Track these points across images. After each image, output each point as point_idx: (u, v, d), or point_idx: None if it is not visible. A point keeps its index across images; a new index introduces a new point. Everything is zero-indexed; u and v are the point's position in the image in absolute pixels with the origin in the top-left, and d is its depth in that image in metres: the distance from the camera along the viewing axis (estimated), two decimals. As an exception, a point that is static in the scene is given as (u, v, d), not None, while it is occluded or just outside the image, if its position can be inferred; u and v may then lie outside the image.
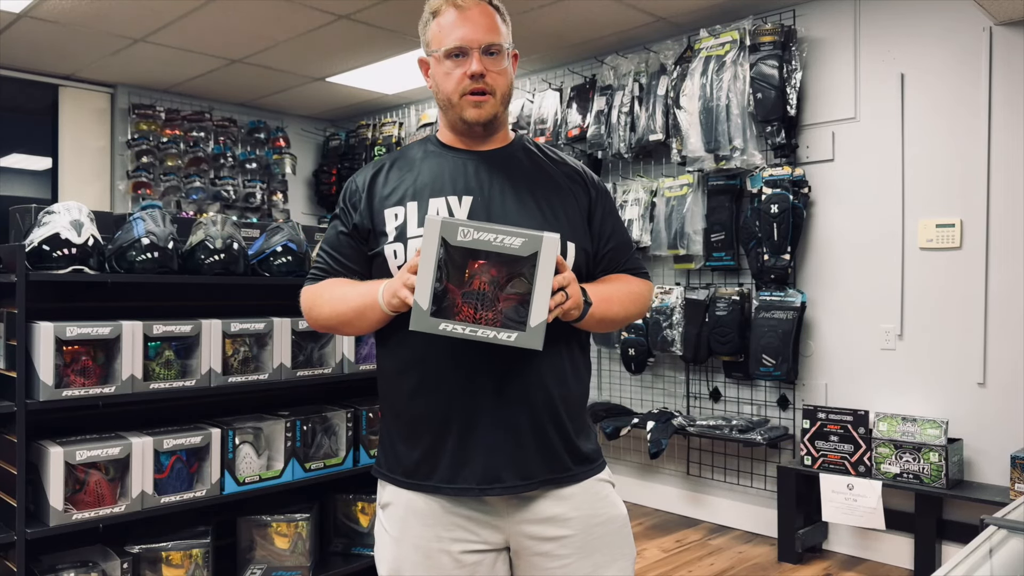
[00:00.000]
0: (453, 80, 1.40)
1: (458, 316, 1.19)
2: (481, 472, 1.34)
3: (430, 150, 1.48)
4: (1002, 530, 1.37)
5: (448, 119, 1.46)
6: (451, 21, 1.39)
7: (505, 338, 1.19)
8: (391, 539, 1.41)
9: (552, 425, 1.38)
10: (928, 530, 3.34)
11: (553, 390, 1.37)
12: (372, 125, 6.14)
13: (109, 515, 1.97)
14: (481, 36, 1.39)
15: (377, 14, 4.08)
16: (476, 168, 1.43)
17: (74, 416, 2.13)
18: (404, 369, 1.39)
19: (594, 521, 1.40)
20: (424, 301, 1.18)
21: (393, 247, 1.38)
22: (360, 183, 1.46)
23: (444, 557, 1.35)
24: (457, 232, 1.18)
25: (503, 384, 1.33)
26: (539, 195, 1.43)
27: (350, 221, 1.44)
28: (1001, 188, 3.32)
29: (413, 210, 1.39)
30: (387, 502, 1.43)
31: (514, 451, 1.34)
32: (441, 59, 1.40)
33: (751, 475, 4.07)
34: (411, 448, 1.39)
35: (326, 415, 2.47)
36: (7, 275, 1.92)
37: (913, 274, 3.56)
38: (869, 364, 3.69)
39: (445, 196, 1.39)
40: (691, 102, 3.95)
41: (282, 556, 2.35)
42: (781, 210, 3.73)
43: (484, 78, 1.38)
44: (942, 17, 3.46)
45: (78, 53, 4.80)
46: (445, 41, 1.39)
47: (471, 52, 1.38)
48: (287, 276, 2.35)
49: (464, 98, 1.40)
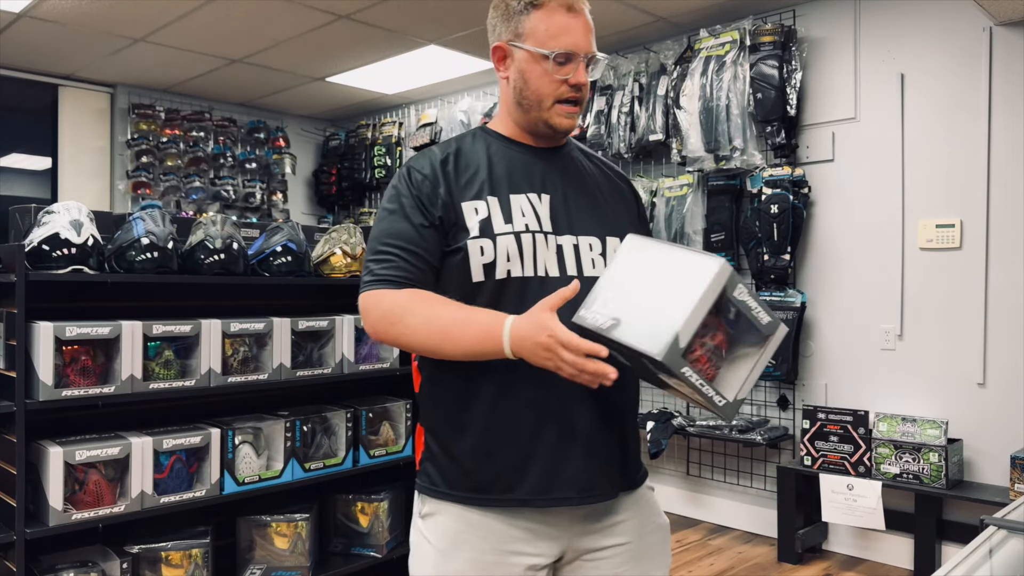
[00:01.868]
0: (551, 84, 1.32)
1: (695, 364, 1.11)
2: (580, 480, 1.28)
3: (493, 143, 1.39)
4: (1002, 530, 1.37)
5: (528, 118, 1.36)
6: (563, 23, 1.31)
7: (717, 402, 1.12)
8: (435, 551, 1.31)
9: (631, 431, 1.38)
10: (928, 530, 3.34)
11: (632, 396, 1.38)
12: (372, 125, 6.14)
13: (109, 515, 1.97)
14: (588, 46, 1.33)
15: (377, 14, 4.08)
16: (547, 166, 1.38)
17: (74, 416, 2.13)
18: (479, 376, 1.28)
19: (647, 528, 1.38)
20: (686, 338, 1.08)
21: (480, 243, 1.28)
22: (429, 173, 1.33)
23: (499, 570, 1.28)
24: (736, 288, 1.12)
25: (590, 390, 1.24)
26: (600, 196, 1.41)
27: (432, 213, 1.30)
28: (1001, 188, 3.32)
29: (495, 205, 1.31)
30: (430, 512, 1.34)
31: (606, 457, 1.31)
32: (541, 58, 1.31)
33: (751, 475, 4.07)
34: (488, 462, 1.29)
35: (326, 415, 2.47)
36: (7, 275, 1.92)
37: (913, 274, 3.56)
38: (869, 364, 3.69)
39: (525, 193, 1.33)
40: (691, 102, 3.95)
41: (282, 556, 2.34)
42: (781, 210, 3.73)
43: (582, 88, 1.33)
44: (942, 17, 3.46)
45: (78, 53, 4.80)
46: (552, 43, 1.30)
47: (577, 60, 1.31)
48: (287, 276, 2.35)
49: (557, 105, 1.33)
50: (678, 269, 1.13)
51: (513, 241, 1.29)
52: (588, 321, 1.15)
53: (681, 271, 1.13)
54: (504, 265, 1.28)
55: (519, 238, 1.29)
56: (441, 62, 4.91)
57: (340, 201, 6.42)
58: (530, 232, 1.30)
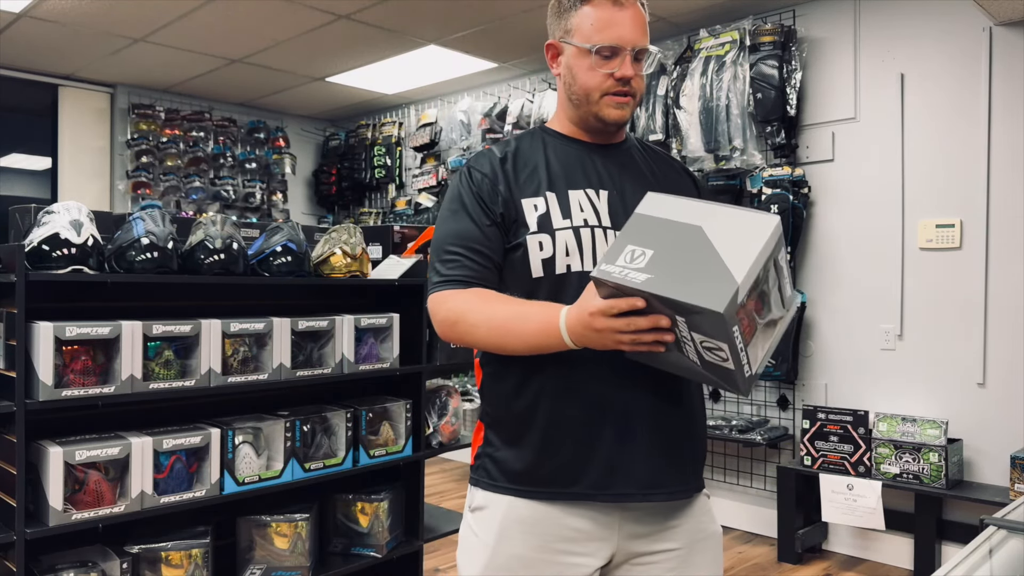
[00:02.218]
0: (597, 77, 1.32)
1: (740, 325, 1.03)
2: (642, 477, 1.27)
3: (550, 140, 1.40)
4: (1002, 530, 1.37)
5: (579, 113, 1.38)
6: (608, 16, 1.30)
7: (746, 372, 1.07)
8: (482, 544, 1.31)
9: (699, 431, 1.37)
10: (928, 530, 3.34)
11: (698, 397, 1.37)
12: (372, 125, 6.14)
13: (109, 515, 1.97)
14: (637, 38, 1.31)
15: (377, 14, 4.08)
16: (604, 162, 1.38)
17: (74, 416, 2.13)
18: (540, 371, 1.28)
19: (699, 536, 1.36)
20: (744, 292, 0.99)
21: (539, 238, 1.29)
22: (490, 172, 1.35)
23: (547, 569, 1.28)
24: (781, 251, 1.07)
25: (658, 384, 1.27)
26: (660, 190, 1.42)
27: (495, 211, 1.32)
28: (1001, 188, 3.32)
29: (553, 201, 1.32)
30: (480, 505, 1.34)
31: (673, 454, 1.30)
32: (587, 52, 1.32)
33: (751, 475, 4.06)
34: (550, 455, 1.28)
35: (326, 415, 2.47)
36: (7, 275, 1.92)
37: (913, 274, 3.56)
38: (869, 364, 3.69)
39: (583, 188, 1.34)
40: (691, 102, 3.95)
41: (282, 556, 2.34)
42: (781, 210, 3.73)
43: (631, 82, 1.32)
44: (942, 18, 3.46)
45: (78, 53, 4.80)
46: (597, 36, 1.30)
47: (623, 53, 1.31)
48: (287, 276, 2.35)
49: (605, 98, 1.33)
50: (723, 223, 1.06)
51: (572, 236, 1.30)
52: (615, 276, 1.04)
53: (728, 225, 1.06)
54: (563, 260, 1.29)
55: (578, 232, 1.30)
56: (441, 62, 4.91)
57: (340, 201, 6.42)
58: (589, 227, 1.31)
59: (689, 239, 1.05)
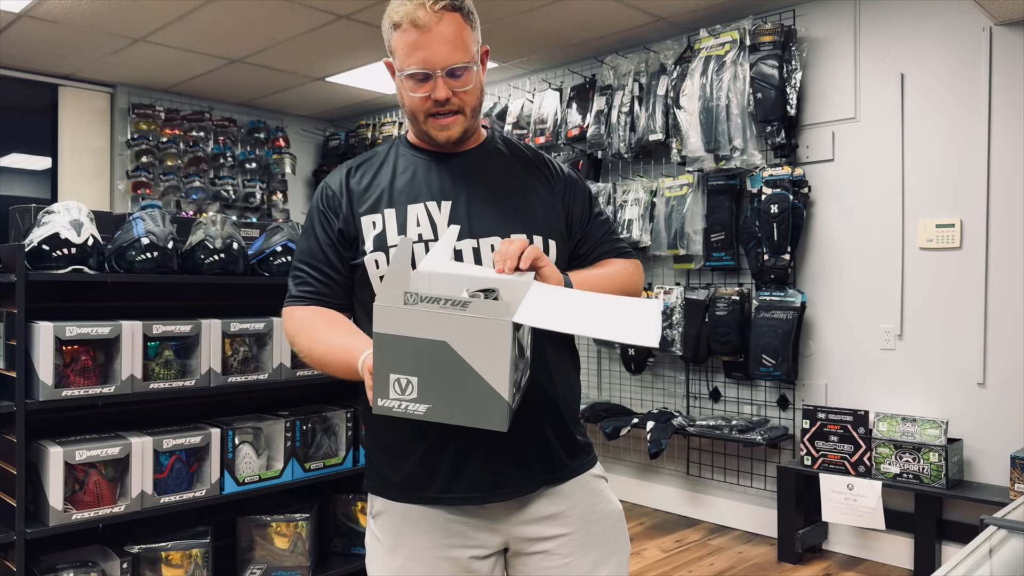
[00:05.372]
0: (417, 100, 1.31)
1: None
2: (484, 480, 1.31)
3: (401, 152, 1.42)
4: (1002, 530, 1.37)
5: (416, 129, 1.39)
6: (412, 41, 1.27)
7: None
8: (384, 548, 1.37)
9: (551, 426, 1.37)
10: (928, 530, 3.34)
11: (549, 390, 1.36)
12: (372, 125, 6.14)
13: (109, 515, 1.97)
14: (444, 58, 1.27)
15: (377, 14, 4.07)
16: (451, 172, 1.38)
17: (74, 416, 2.13)
18: None
19: (592, 518, 1.39)
20: (507, 397, 1.05)
21: (375, 257, 1.32)
22: (336, 187, 1.39)
23: (443, 565, 1.33)
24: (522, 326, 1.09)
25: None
26: (514, 194, 1.40)
27: (334, 227, 1.36)
28: (1001, 188, 3.32)
29: (391, 217, 1.34)
30: (379, 511, 1.39)
31: (515, 455, 1.32)
32: (403, 78, 1.31)
33: (751, 475, 4.07)
34: (400, 463, 1.34)
35: (326, 415, 2.47)
36: (7, 275, 1.92)
37: (913, 274, 3.56)
38: (869, 364, 3.69)
39: (423, 201, 1.35)
40: (691, 102, 3.95)
41: (282, 556, 2.35)
42: (781, 210, 3.73)
43: (450, 101, 1.30)
44: (942, 17, 3.46)
45: (78, 53, 4.80)
46: (407, 62, 1.29)
47: (435, 76, 1.28)
48: (287, 276, 2.35)
49: (430, 119, 1.33)
50: (462, 331, 1.04)
51: None
52: (396, 411, 1.07)
53: (468, 332, 1.04)
54: None
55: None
56: (441, 62, 4.91)
57: (340, 201, 6.42)
58: (423, 242, 1.33)
59: (441, 358, 1.05)
